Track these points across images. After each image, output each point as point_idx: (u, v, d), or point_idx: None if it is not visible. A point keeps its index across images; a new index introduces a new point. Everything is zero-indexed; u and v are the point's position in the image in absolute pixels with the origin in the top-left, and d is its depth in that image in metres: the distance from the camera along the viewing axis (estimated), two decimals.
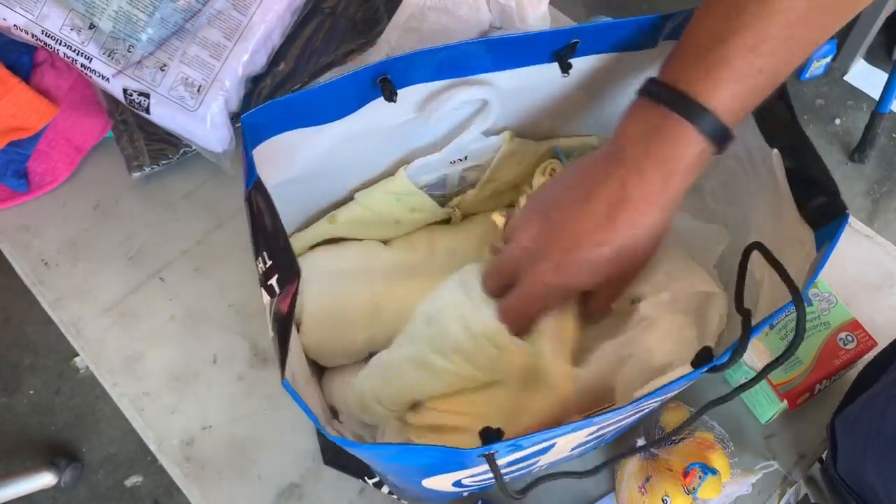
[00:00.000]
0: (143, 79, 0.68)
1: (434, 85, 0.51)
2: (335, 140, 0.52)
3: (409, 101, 0.52)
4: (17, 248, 0.75)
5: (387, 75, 0.48)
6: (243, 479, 0.63)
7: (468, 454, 0.36)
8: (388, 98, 0.49)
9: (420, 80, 0.51)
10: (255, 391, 0.67)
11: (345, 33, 0.72)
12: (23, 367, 1.55)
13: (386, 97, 0.49)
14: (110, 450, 1.46)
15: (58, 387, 1.53)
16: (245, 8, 0.67)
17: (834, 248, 0.40)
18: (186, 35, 0.67)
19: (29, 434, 1.49)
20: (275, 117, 0.47)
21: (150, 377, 0.68)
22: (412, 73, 0.50)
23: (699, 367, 0.39)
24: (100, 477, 1.44)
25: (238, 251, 0.73)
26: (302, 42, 0.71)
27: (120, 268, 0.73)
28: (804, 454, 0.62)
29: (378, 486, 0.60)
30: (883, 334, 0.63)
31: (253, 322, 0.70)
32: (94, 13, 0.67)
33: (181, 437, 0.65)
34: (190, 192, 0.77)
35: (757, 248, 0.40)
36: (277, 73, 0.71)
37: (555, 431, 0.37)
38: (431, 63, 0.49)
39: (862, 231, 0.73)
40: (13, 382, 1.54)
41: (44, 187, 0.78)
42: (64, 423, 1.49)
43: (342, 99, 0.49)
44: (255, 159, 0.45)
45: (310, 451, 0.64)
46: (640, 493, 0.57)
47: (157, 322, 0.70)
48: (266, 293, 0.39)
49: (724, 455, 0.57)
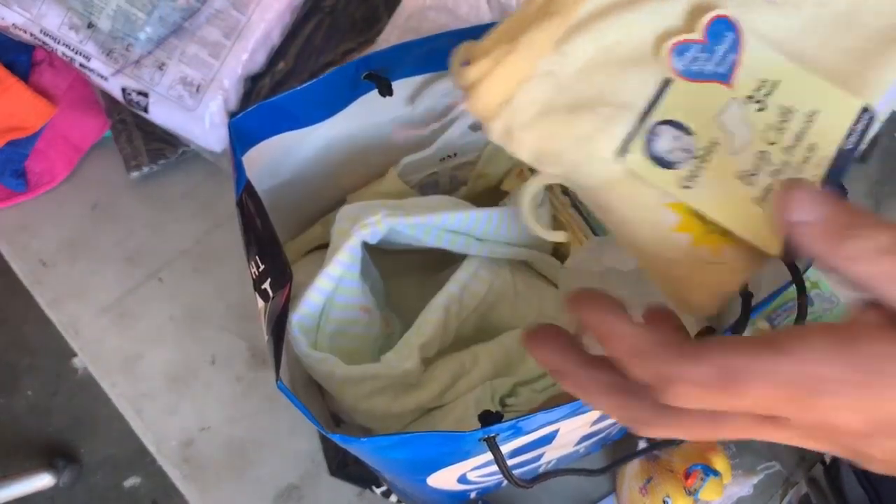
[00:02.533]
0: (142, 78, 0.68)
1: (420, 78, 0.51)
2: (325, 142, 0.52)
3: (398, 95, 0.51)
4: (14, 248, 0.75)
5: (377, 70, 0.48)
6: (242, 481, 0.63)
7: (469, 437, 0.36)
8: (382, 93, 0.49)
9: (407, 74, 0.50)
10: (253, 392, 0.66)
11: (344, 32, 0.71)
12: (21, 367, 1.55)
13: (381, 92, 0.49)
14: (109, 451, 1.45)
15: (56, 387, 1.52)
16: (244, 7, 0.66)
17: None
18: (185, 34, 0.67)
19: (27, 435, 1.49)
20: (264, 120, 0.47)
21: (149, 378, 0.67)
22: (399, 66, 0.49)
23: None
24: (98, 478, 1.44)
25: (237, 251, 0.73)
26: (301, 41, 0.71)
27: (118, 268, 0.73)
28: (805, 455, 0.62)
29: (386, 495, 0.60)
30: None
31: (252, 323, 0.69)
32: (92, 12, 0.67)
33: (180, 438, 0.65)
34: (188, 191, 0.77)
35: None
36: (277, 72, 0.70)
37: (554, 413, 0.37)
38: (418, 55, 0.49)
39: None
40: (11, 383, 1.53)
41: (42, 187, 0.77)
42: (62, 424, 1.49)
43: (330, 97, 0.49)
44: (245, 163, 0.45)
45: (309, 453, 0.63)
46: (641, 495, 0.56)
47: (156, 322, 0.70)
48: (260, 297, 0.39)
49: (725, 456, 0.57)
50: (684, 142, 0.30)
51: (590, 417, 0.43)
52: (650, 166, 0.30)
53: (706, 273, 0.31)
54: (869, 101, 0.31)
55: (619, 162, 0.30)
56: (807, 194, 0.26)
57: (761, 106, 0.31)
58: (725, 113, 0.31)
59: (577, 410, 0.39)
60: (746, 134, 0.31)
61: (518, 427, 0.38)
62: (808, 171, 0.31)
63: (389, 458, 0.42)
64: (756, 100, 0.31)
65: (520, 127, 0.31)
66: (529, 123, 0.30)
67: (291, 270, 0.37)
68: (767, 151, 0.31)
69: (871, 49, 0.32)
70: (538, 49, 0.30)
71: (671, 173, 0.30)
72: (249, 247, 0.41)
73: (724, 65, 0.31)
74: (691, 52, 0.31)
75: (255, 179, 0.42)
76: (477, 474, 0.46)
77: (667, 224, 0.30)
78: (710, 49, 0.31)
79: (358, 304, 0.51)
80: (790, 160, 0.31)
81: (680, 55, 0.31)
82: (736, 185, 0.30)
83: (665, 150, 0.30)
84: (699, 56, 0.31)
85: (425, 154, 0.57)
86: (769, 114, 0.31)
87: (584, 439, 0.50)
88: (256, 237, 0.41)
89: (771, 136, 0.31)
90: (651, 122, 0.30)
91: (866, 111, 0.31)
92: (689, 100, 0.31)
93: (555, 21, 0.30)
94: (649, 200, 0.30)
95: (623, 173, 0.30)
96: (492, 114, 0.31)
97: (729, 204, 0.30)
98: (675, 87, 0.31)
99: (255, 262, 0.40)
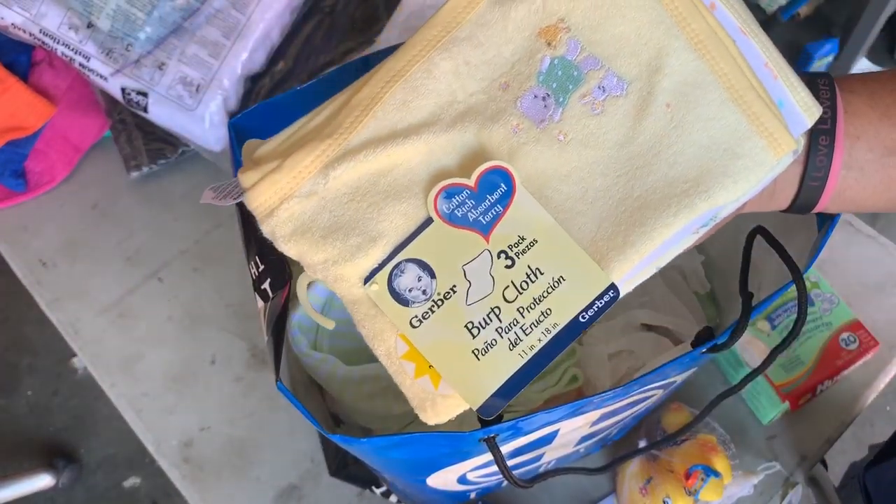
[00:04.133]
0: (142, 78, 0.68)
1: None
2: None
3: None
4: (14, 249, 0.75)
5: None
6: (242, 481, 0.63)
7: (468, 437, 0.36)
8: None
9: None
10: (253, 392, 0.66)
11: (344, 32, 0.71)
12: (21, 367, 1.55)
13: None
14: (108, 451, 1.45)
15: (56, 387, 1.52)
16: (244, 6, 0.66)
17: (834, 227, 0.40)
18: (185, 34, 0.67)
19: (27, 435, 1.48)
20: (264, 120, 0.47)
21: (149, 378, 0.67)
22: None
23: (699, 346, 0.39)
24: (98, 478, 1.44)
25: (237, 251, 0.73)
26: (301, 41, 0.70)
27: (118, 268, 0.73)
28: (806, 455, 0.62)
29: (386, 495, 0.60)
30: (885, 335, 0.62)
31: (251, 322, 0.69)
32: (92, 12, 0.67)
33: (179, 438, 0.65)
34: (188, 191, 0.77)
35: (759, 232, 0.40)
36: (276, 72, 0.70)
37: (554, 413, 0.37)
38: None
39: (864, 231, 0.73)
40: (11, 383, 1.53)
41: (42, 187, 0.77)
42: (62, 424, 1.49)
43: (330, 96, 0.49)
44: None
45: (309, 453, 0.63)
46: (642, 495, 0.56)
47: (156, 322, 0.70)
48: (259, 298, 0.39)
49: (725, 457, 0.57)
50: (424, 282, 0.32)
51: (590, 417, 0.43)
52: (388, 300, 0.32)
53: (430, 398, 0.33)
54: (621, 271, 0.31)
55: (362, 288, 0.32)
56: None
57: (510, 263, 0.32)
58: (472, 263, 0.32)
59: (577, 410, 0.39)
60: (488, 287, 0.32)
61: (518, 427, 0.38)
62: (534, 335, 0.32)
63: (389, 459, 0.42)
64: (508, 256, 0.32)
65: (280, 238, 0.32)
66: (288, 237, 0.32)
67: (291, 270, 0.37)
68: (500, 308, 0.32)
69: (651, 202, 0.31)
70: (302, 170, 0.32)
71: (404, 311, 0.32)
72: (249, 247, 0.41)
73: (488, 215, 0.31)
74: (460, 196, 0.31)
75: None
76: (477, 474, 0.46)
77: (399, 351, 0.33)
78: (479, 197, 0.31)
79: None
80: (521, 321, 0.32)
81: (448, 198, 0.31)
82: (461, 333, 0.32)
83: (405, 288, 0.32)
84: (466, 202, 0.31)
85: None
86: (516, 272, 0.32)
87: (584, 440, 0.50)
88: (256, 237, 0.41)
89: (510, 294, 0.32)
90: (401, 258, 0.32)
91: (612, 289, 0.31)
92: (441, 244, 0.32)
93: (325, 143, 0.32)
94: (385, 326, 0.32)
95: (366, 297, 0.32)
96: (260, 218, 0.32)
97: (446, 350, 0.32)
98: (433, 227, 0.32)
99: (255, 262, 0.40)
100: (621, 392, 0.39)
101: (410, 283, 0.31)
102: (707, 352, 0.39)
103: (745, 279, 0.41)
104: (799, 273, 0.37)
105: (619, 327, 0.56)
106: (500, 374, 0.32)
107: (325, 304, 0.49)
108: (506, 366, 0.32)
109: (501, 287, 0.31)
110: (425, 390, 0.32)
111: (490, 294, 0.31)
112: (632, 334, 0.56)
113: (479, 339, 0.31)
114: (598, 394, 0.37)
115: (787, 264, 0.37)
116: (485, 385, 0.31)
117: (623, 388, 0.38)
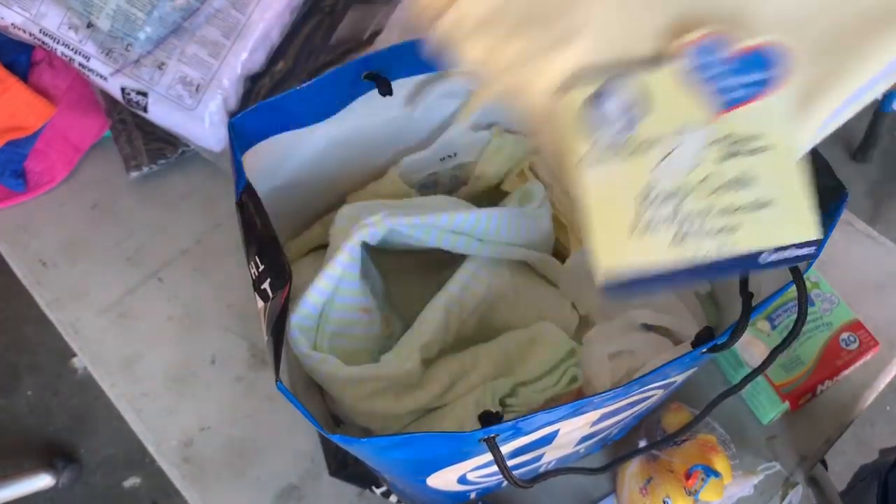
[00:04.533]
0: (142, 78, 0.67)
1: (420, 77, 0.51)
2: (325, 142, 0.52)
3: (398, 94, 0.51)
4: (14, 249, 0.75)
5: (377, 70, 0.48)
6: (242, 481, 0.63)
7: (469, 437, 0.36)
8: (382, 92, 0.49)
9: (407, 74, 0.50)
10: (253, 392, 0.66)
11: (344, 32, 0.71)
12: (21, 367, 1.55)
13: (381, 91, 0.49)
14: (108, 451, 1.45)
15: (56, 387, 1.52)
16: (244, 6, 0.66)
17: (834, 227, 0.40)
18: (185, 34, 0.67)
19: (27, 435, 1.48)
20: (263, 120, 0.47)
21: (149, 378, 0.67)
22: (399, 66, 0.49)
23: (699, 346, 0.39)
24: (98, 478, 1.44)
25: (237, 251, 0.72)
26: (301, 40, 0.70)
27: (118, 268, 0.73)
28: (806, 455, 0.62)
29: (386, 495, 0.60)
30: (885, 334, 0.62)
31: (251, 322, 0.69)
32: (91, 12, 0.67)
33: (179, 438, 0.65)
34: (188, 191, 0.77)
35: None
36: (276, 71, 0.70)
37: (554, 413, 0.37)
38: (418, 55, 0.49)
39: (864, 231, 0.73)
40: (11, 383, 1.53)
41: (42, 187, 0.77)
42: (62, 424, 1.49)
43: (329, 96, 0.49)
44: (245, 163, 0.45)
45: (309, 453, 0.63)
46: (642, 495, 0.56)
47: (156, 322, 0.70)
48: (259, 298, 0.39)
49: (725, 457, 0.57)
50: (631, 116, 0.26)
51: (590, 417, 0.43)
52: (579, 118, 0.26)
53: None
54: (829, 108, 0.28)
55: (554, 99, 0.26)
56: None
57: (727, 154, 0.27)
58: (687, 132, 0.27)
59: (577, 410, 0.39)
60: (687, 166, 0.26)
61: (518, 427, 0.38)
62: (706, 243, 0.27)
63: (389, 459, 0.42)
64: (730, 146, 0.27)
65: (462, 36, 0.27)
66: (472, 30, 0.26)
67: (291, 270, 0.37)
68: (687, 194, 0.27)
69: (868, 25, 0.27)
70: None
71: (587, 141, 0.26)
72: (249, 247, 0.41)
73: (735, 94, 0.26)
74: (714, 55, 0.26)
75: (254, 179, 0.42)
76: (477, 475, 0.46)
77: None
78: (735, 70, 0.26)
79: (358, 305, 0.50)
80: (701, 220, 0.27)
81: (701, 54, 0.26)
82: (631, 195, 0.27)
83: (610, 111, 0.26)
84: (717, 65, 0.26)
85: (425, 154, 0.57)
86: (727, 167, 0.27)
87: (585, 440, 0.50)
88: (256, 237, 0.41)
89: (706, 186, 0.27)
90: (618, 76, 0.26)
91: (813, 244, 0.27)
92: (665, 93, 0.26)
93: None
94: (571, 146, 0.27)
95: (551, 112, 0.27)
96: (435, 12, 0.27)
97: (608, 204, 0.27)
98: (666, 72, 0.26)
99: (255, 262, 0.40)
100: (621, 392, 0.39)
101: (615, 110, 0.26)
102: (707, 352, 0.39)
103: (745, 279, 0.41)
104: (799, 273, 0.37)
105: (619, 327, 0.56)
106: (647, 258, 0.27)
107: (326, 304, 0.49)
108: (657, 255, 0.27)
109: (702, 174, 0.26)
110: None
111: (686, 174, 0.26)
112: (632, 334, 0.56)
113: (646, 213, 0.27)
114: (598, 394, 0.37)
115: None
116: (628, 260, 0.27)
117: (623, 388, 0.38)
